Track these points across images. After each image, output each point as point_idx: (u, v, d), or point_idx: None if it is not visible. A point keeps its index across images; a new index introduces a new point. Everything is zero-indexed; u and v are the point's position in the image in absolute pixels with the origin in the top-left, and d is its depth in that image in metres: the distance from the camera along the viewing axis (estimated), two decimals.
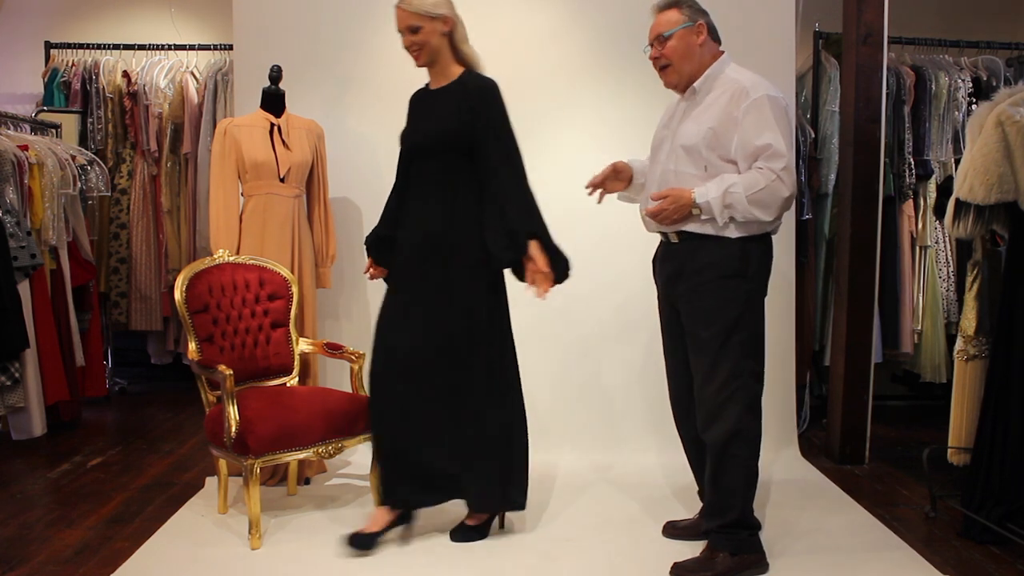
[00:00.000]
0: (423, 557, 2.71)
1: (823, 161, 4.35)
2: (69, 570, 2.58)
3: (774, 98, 2.44)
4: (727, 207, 2.41)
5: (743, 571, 2.54)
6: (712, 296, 2.49)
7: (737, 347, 2.49)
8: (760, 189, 2.38)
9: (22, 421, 3.81)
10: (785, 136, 2.41)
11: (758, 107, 2.42)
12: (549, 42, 3.82)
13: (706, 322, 2.51)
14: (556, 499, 3.21)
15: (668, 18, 2.55)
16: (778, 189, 2.38)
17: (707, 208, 2.43)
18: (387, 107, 3.83)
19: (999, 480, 2.82)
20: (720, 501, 2.56)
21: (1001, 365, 2.87)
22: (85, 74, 4.89)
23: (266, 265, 3.23)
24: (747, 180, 2.40)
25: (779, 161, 2.38)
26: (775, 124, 2.41)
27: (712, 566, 2.53)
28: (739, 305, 2.49)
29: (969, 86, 4.39)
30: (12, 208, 3.70)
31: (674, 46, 2.53)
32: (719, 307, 2.49)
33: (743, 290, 2.50)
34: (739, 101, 2.44)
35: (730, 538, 2.55)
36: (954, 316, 4.37)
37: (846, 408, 3.74)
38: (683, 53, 2.53)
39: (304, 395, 3.03)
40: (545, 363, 3.71)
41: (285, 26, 3.80)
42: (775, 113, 2.42)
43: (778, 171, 2.37)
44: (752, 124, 2.42)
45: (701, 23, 2.55)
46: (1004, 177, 2.75)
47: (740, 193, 2.39)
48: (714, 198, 2.42)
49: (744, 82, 2.49)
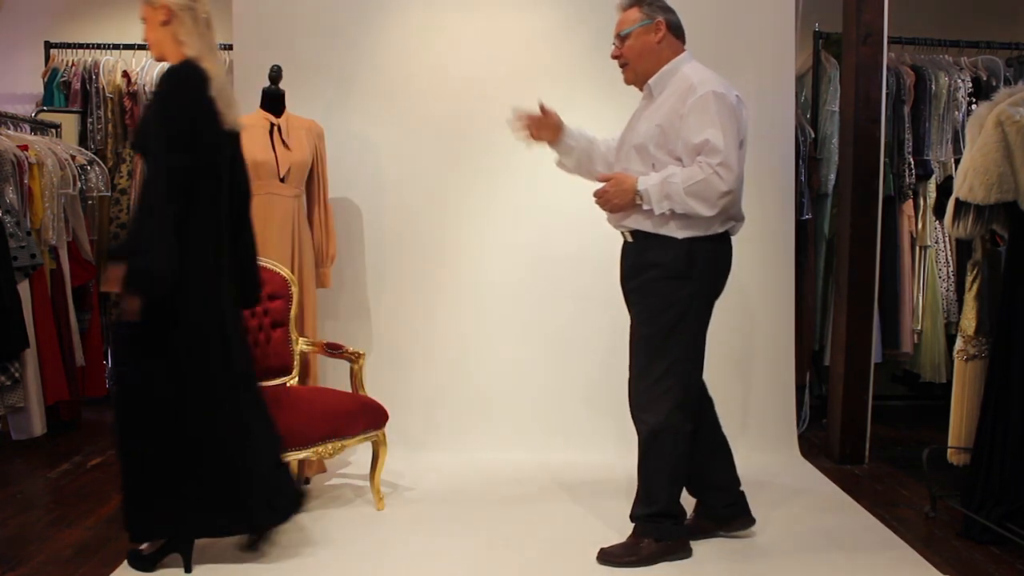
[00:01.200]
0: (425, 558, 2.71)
1: (823, 161, 4.35)
2: (69, 570, 2.57)
3: (720, 95, 2.46)
4: (665, 197, 2.46)
5: (666, 556, 2.65)
6: (655, 295, 2.57)
7: (675, 347, 2.57)
8: (697, 182, 2.42)
9: (22, 421, 3.81)
10: (727, 132, 2.43)
11: (702, 103, 2.44)
12: (548, 42, 3.82)
13: (648, 320, 2.59)
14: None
15: (628, 17, 2.59)
16: (715, 183, 2.41)
17: (646, 196, 2.48)
18: (387, 107, 3.85)
19: (999, 480, 2.82)
20: (647, 491, 2.66)
21: (1001, 365, 2.87)
22: (85, 74, 4.88)
23: (266, 265, 3.22)
24: (686, 173, 2.45)
25: (716, 156, 2.41)
26: (717, 121, 2.43)
27: (637, 551, 2.63)
28: (681, 306, 2.56)
29: (969, 86, 4.38)
30: (12, 208, 3.69)
31: (631, 44, 2.58)
32: (661, 307, 2.56)
33: (686, 291, 2.55)
34: (685, 98, 2.47)
35: (655, 526, 2.65)
36: (954, 316, 4.37)
37: (846, 408, 3.75)
38: (639, 51, 2.58)
39: (304, 395, 3.03)
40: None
41: (285, 26, 3.80)
42: (719, 109, 2.44)
43: (715, 166, 2.41)
44: (695, 120, 2.45)
45: (660, 20, 2.56)
46: (1004, 177, 2.75)
47: (678, 184, 2.43)
48: (653, 186, 2.47)
49: (693, 79, 2.51)
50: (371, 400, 3.11)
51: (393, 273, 3.87)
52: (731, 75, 3.79)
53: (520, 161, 3.75)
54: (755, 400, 3.84)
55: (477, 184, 3.84)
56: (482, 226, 3.85)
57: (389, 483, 3.34)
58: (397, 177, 3.85)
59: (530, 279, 3.79)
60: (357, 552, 2.73)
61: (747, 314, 3.85)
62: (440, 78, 3.83)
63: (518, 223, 3.80)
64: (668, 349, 2.58)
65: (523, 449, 3.72)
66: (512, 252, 3.83)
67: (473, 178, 3.84)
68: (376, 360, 3.77)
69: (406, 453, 3.62)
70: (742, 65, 3.81)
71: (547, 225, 3.81)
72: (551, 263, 3.81)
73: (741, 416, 3.83)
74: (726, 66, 3.79)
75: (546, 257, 3.80)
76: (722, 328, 3.81)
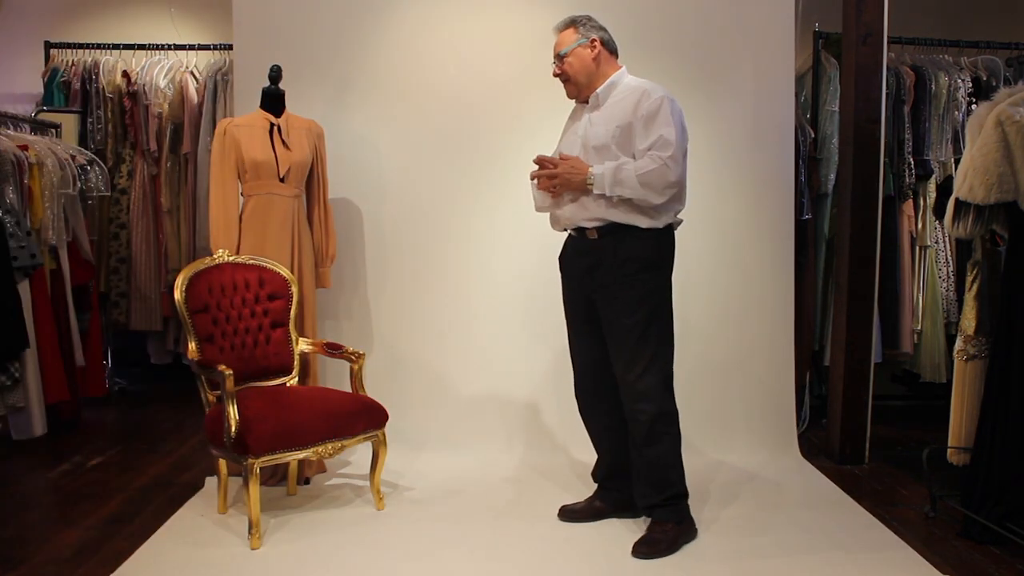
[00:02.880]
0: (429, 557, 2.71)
1: (823, 161, 4.35)
2: (69, 570, 2.58)
3: (672, 100, 2.73)
4: (618, 183, 2.67)
5: (684, 537, 2.80)
6: (634, 287, 2.74)
7: (656, 334, 2.77)
8: (649, 171, 2.65)
9: (22, 421, 3.81)
10: (677, 132, 2.69)
11: (657, 105, 2.70)
12: (549, 42, 3.81)
13: (629, 311, 2.74)
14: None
15: (565, 38, 2.84)
16: (665, 173, 2.64)
17: (599, 180, 2.69)
18: (387, 107, 3.85)
19: (999, 480, 2.82)
20: (658, 477, 2.80)
21: (1001, 365, 2.87)
22: (85, 74, 4.89)
23: (266, 265, 3.23)
24: (638, 163, 2.68)
25: (668, 149, 2.65)
26: (671, 120, 2.69)
27: (665, 536, 2.76)
28: (657, 294, 2.78)
29: (969, 86, 4.38)
30: (12, 208, 3.69)
31: (571, 62, 2.82)
32: (641, 297, 2.74)
33: (659, 280, 2.79)
34: (642, 101, 2.72)
35: (674, 509, 2.81)
36: (954, 316, 4.37)
37: (846, 408, 3.75)
38: (579, 68, 2.81)
39: (304, 395, 3.03)
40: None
41: (285, 26, 3.80)
42: (672, 111, 2.70)
43: (665, 158, 2.64)
44: (651, 120, 2.69)
45: (595, 39, 2.82)
46: (1004, 177, 2.75)
47: (631, 171, 2.66)
48: (607, 170, 2.69)
49: (644, 86, 2.77)
50: (371, 400, 3.11)
51: (393, 273, 3.87)
52: (731, 75, 3.85)
53: (520, 161, 3.75)
54: (755, 400, 3.85)
55: (477, 184, 3.84)
56: (482, 226, 3.85)
57: (389, 483, 3.34)
58: (397, 177, 3.85)
59: (531, 279, 3.78)
60: (357, 552, 2.73)
61: (747, 314, 3.85)
62: (440, 78, 3.83)
63: (518, 222, 3.78)
64: (650, 337, 2.75)
65: (523, 449, 3.73)
66: (513, 251, 3.83)
67: (473, 178, 3.84)
68: (376, 360, 3.78)
69: (406, 453, 3.62)
70: (742, 65, 3.82)
71: (547, 224, 3.80)
72: (552, 263, 3.79)
73: (741, 416, 3.83)
74: (726, 66, 3.83)
75: (547, 257, 3.77)
76: (722, 328, 3.85)
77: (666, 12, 3.83)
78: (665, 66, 3.69)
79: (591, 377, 2.96)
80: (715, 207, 3.80)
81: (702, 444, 3.69)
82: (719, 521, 3.01)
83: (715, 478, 3.47)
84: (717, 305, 3.84)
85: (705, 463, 3.58)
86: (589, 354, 2.94)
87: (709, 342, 3.80)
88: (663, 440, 2.78)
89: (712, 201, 3.78)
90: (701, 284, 3.79)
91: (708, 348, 3.79)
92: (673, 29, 3.82)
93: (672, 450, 2.80)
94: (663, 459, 2.79)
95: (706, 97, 3.80)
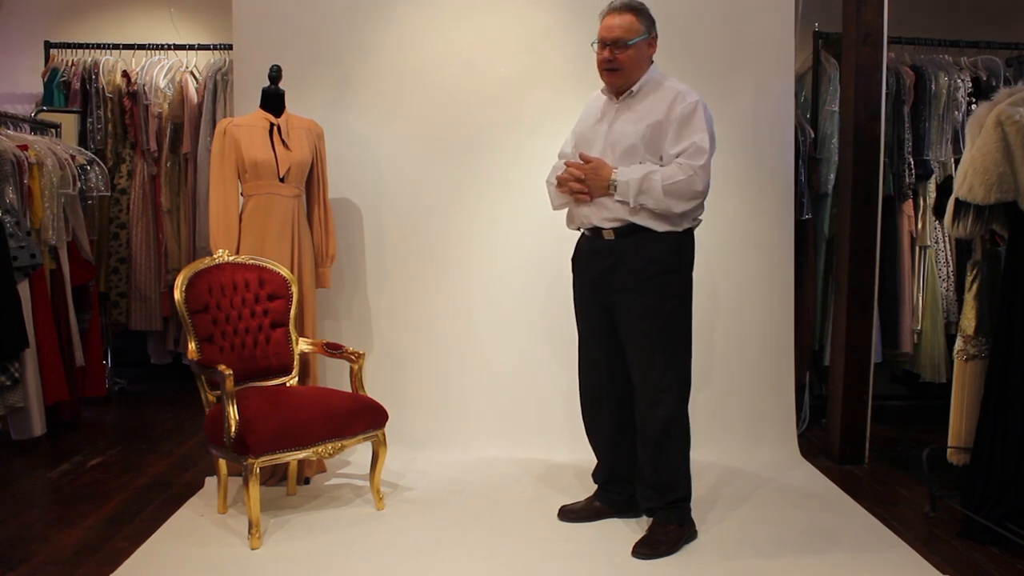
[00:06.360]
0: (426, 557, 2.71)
1: (823, 161, 4.35)
2: (69, 570, 2.58)
3: (706, 105, 2.68)
4: (643, 192, 2.60)
5: (685, 538, 2.80)
6: (654, 291, 2.69)
7: (674, 338, 2.73)
8: (677, 181, 2.59)
9: (22, 421, 3.81)
10: (709, 139, 2.63)
11: (692, 109, 2.64)
12: (549, 42, 3.82)
13: (647, 315, 2.70)
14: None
15: (629, 25, 2.68)
16: (693, 182, 2.59)
17: (623, 188, 2.62)
18: (387, 107, 3.85)
19: (999, 480, 2.82)
20: (665, 480, 2.79)
21: (1001, 365, 2.87)
22: (85, 74, 4.89)
23: (266, 265, 3.23)
24: (666, 171, 2.61)
25: (700, 158, 2.60)
26: (704, 127, 2.63)
27: (667, 537, 2.75)
28: (676, 298, 2.73)
29: (969, 86, 4.38)
30: (12, 208, 3.69)
31: (631, 55, 2.69)
32: (660, 301, 2.70)
33: (679, 284, 2.74)
34: (676, 103, 2.65)
35: (676, 511, 2.80)
36: (954, 316, 4.37)
37: (846, 408, 3.75)
38: (636, 62, 2.71)
39: (304, 395, 3.03)
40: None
41: (285, 26, 3.80)
42: (706, 118, 2.65)
43: (696, 167, 2.59)
44: (684, 124, 2.63)
45: (655, 35, 2.75)
46: (1004, 177, 2.75)
47: (658, 181, 2.59)
48: (633, 179, 2.61)
49: (679, 87, 2.70)
50: (371, 400, 3.11)
51: (393, 273, 3.87)
52: (731, 75, 3.84)
53: (521, 161, 3.76)
54: (755, 400, 3.84)
55: (477, 184, 3.84)
56: (482, 225, 3.85)
57: (389, 483, 3.34)
58: (397, 177, 3.85)
59: (531, 279, 3.78)
60: (357, 552, 2.74)
61: (747, 314, 3.85)
62: (440, 78, 3.82)
63: (519, 222, 3.79)
64: (669, 341, 2.72)
65: (523, 449, 3.72)
66: (513, 251, 3.83)
67: (473, 178, 3.84)
68: (376, 360, 3.78)
69: (406, 453, 3.62)
70: (742, 65, 3.82)
71: (547, 224, 3.79)
72: (552, 262, 3.80)
73: (741, 416, 3.83)
74: (726, 66, 3.83)
75: (547, 256, 3.79)
76: (723, 328, 3.85)
77: (666, 12, 3.77)
78: (665, 66, 3.63)
79: (598, 379, 2.92)
80: (715, 207, 3.76)
81: (702, 444, 3.66)
82: (719, 521, 3.01)
83: (715, 478, 3.47)
84: (717, 305, 3.83)
85: (705, 463, 3.58)
86: (598, 356, 2.89)
87: (709, 342, 3.79)
88: (674, 445, 2.76)
89: (712, 201, 3.72)
90: (701, 284, 3.72)
91: (708, 348, 3.78)
92: (673, 29, 3.80)
93: (682, 454, 2.79)
94: (672, 463, 2.78)
95: (706, 97, 3.70)
